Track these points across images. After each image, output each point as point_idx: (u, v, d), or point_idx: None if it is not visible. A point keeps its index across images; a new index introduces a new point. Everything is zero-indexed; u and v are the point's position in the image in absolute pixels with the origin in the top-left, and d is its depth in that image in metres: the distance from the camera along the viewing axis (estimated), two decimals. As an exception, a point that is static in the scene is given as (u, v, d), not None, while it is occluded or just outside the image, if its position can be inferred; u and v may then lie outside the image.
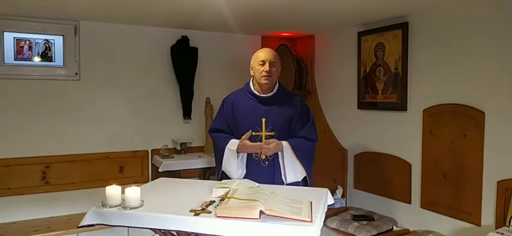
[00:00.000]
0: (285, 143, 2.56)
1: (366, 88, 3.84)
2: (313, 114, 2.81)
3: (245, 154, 2.61)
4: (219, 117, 2.78)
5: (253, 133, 2.58)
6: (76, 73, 3.76)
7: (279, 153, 2.60)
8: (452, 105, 3.07)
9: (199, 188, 2.38)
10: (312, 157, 2.72)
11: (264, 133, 2.61)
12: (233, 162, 2.58)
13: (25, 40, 3.59)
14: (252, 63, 2.68)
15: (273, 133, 2.61)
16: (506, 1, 2.72)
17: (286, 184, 2.60)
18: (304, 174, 2.64)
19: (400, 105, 3.48)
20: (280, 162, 2.61)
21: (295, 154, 2.57)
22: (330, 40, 4.36)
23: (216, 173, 2.84)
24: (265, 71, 2.57)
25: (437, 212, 3.21)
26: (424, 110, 3.30)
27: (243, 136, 2.54)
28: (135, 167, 4.05)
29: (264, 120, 2.62)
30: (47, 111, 3.65)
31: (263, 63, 2.58)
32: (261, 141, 2.58)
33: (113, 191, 2.03)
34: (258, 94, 2.67)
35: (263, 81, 2.60)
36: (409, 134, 3.45)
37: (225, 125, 2.71)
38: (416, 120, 3.37)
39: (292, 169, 2.60)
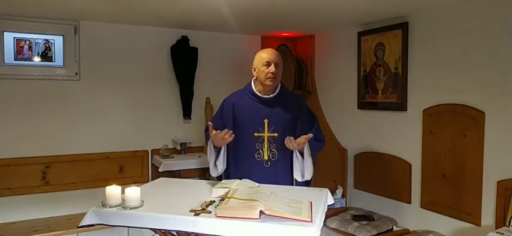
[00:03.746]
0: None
1: (366, 88, 3.84)
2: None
3: (225, 149, 2.58)
4: (216, 117, 2.75)
5: (256, 135, 2.56)
6: (76, 73, 3.76)
7: (295, 151, 2.54)
8: (452, 105, 3.07)
9: (199, 188, 2.38)
10: (315, 158, 2.71)
11: (266, 135, 2.59)
12: (212, 158, 2.59)
13: (25, 40, 3.58)
14: (254, 63, 2.63)
15: (276, 134, 2.58)
16: (506, 1, 2.72)
17: (296, 184, 2.58)
18: (312, 174, 2.63)
19: (400, 105, 3.48)
20: (297, 160, 2.56)
21: (311, 152, 2.56)
22: (330, 40, 4.35)
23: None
24: (271, 72, 2.54)
25: (437, 212, 3.21)
26: (424, 110, 3.30)
27: (211, 131, 2.48)
28: (135, 167, 4.06)
29: (266, 121, 2.60)
30: (46, 111, 3.65)
31: (268, 64, 2.55)
32: (263, 143, 2.57)
33: (113, 191, 2.03)
34: (259, 95, 2.65)
35: (268, 82, 2.57)
36: (409, 134, 3.45)
37: (221, 125, 2.63)
38: (416, 120, 3.37)
39: (308, 167, 2.57)
